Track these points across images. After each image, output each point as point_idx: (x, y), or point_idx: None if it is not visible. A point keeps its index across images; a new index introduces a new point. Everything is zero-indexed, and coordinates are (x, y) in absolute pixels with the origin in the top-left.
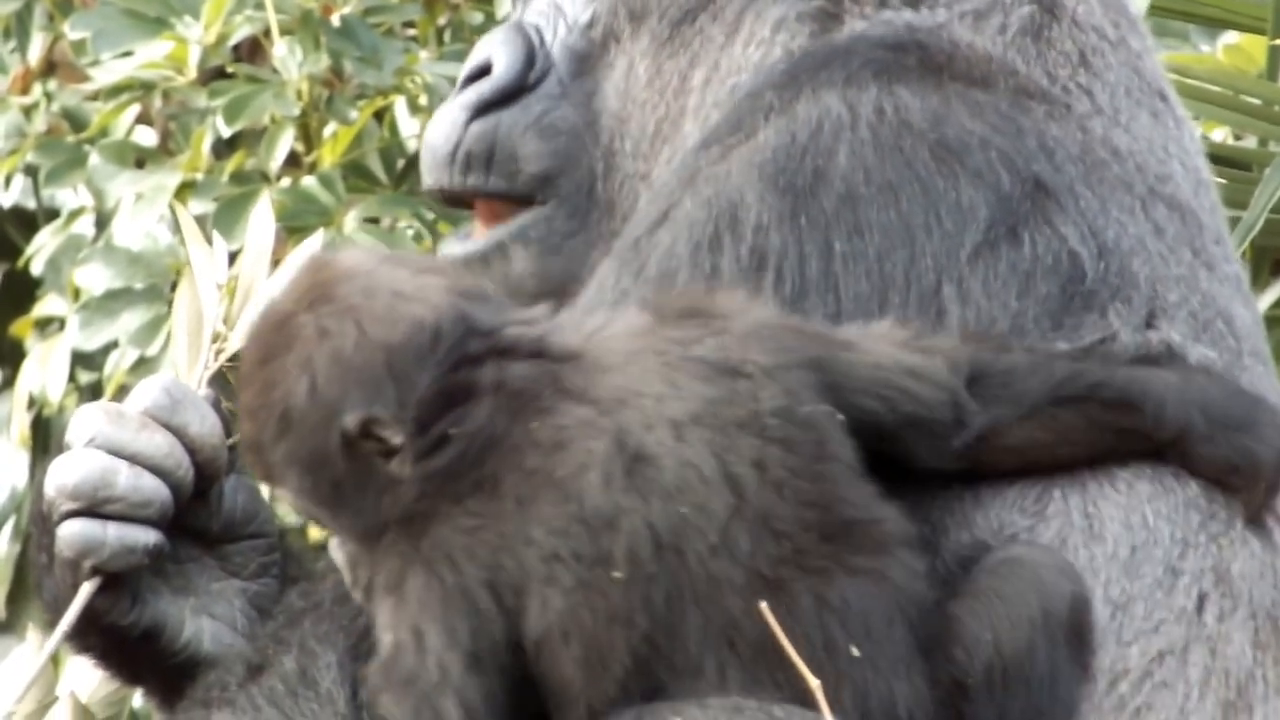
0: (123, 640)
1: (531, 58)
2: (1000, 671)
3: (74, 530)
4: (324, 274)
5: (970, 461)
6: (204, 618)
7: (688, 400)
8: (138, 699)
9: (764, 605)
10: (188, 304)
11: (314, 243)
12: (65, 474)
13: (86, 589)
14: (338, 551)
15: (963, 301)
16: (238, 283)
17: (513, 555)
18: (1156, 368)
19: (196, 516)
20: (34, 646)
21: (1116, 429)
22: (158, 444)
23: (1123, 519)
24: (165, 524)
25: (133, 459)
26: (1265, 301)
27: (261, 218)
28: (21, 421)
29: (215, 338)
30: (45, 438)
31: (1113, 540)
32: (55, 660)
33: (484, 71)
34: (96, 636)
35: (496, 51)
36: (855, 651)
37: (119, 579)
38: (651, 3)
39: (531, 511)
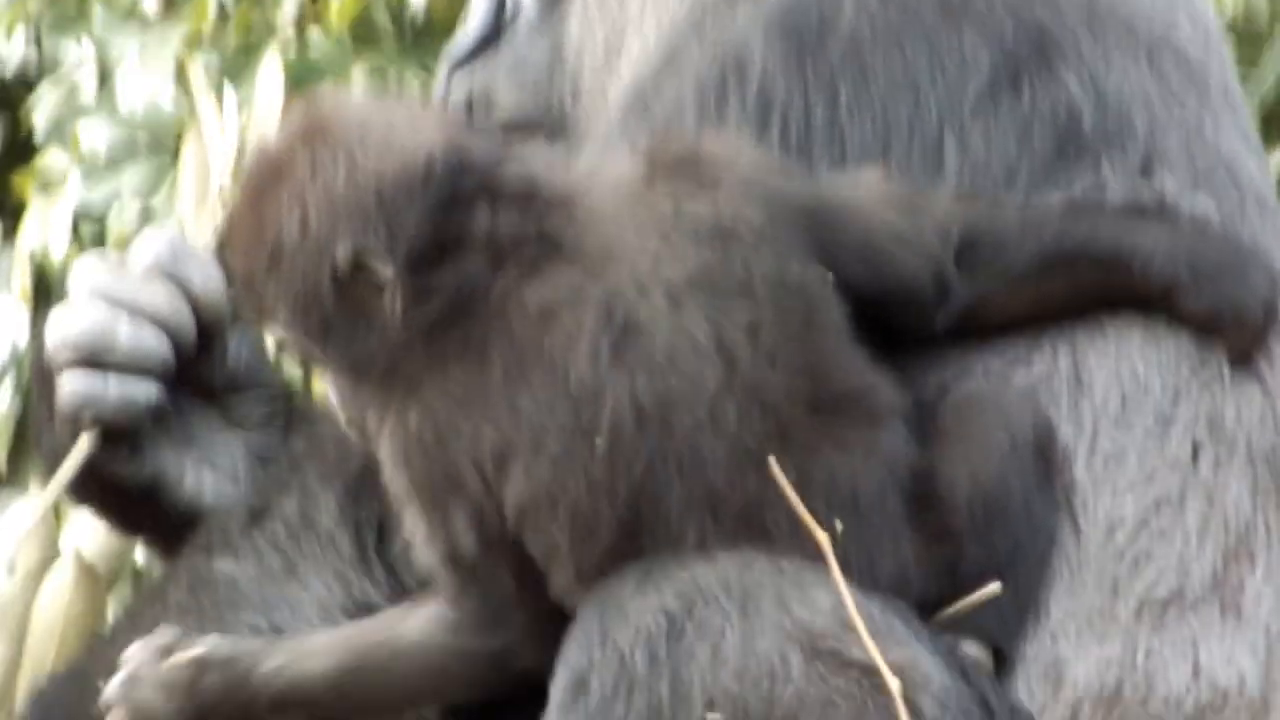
0: (123, 492)
1: (502, 5)
2: (980, 506)
3: (74, 382)
4: (318, 114)
5: (954, 325)
6: (205, 469)
7: (682, 262)
8: (140, 555)
9: (773, 460)
10: (195, 157)
11: None
12: (66, 326)
13: (86, 440)
14: (330, 388)
15: (962, 151)
16: (246, 137)
17: (498, 428)
18: (1144, 220)
19: (199, 371)
20: (35, 500)
21: (1103, 286)
22: (160, 297)
23: (1112, 369)
24: (167, 377)
25: (134, 311)
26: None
27: (270, 71)
28: (23, 275)
29: (222, 191)
30: (47, 293)
31: (1102, 390)
32: (57, 516)
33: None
34: (96, 488)
35: (474, 7)
36: (839, 526)
37: (119, 431)
38: None
39: (520, 383)
